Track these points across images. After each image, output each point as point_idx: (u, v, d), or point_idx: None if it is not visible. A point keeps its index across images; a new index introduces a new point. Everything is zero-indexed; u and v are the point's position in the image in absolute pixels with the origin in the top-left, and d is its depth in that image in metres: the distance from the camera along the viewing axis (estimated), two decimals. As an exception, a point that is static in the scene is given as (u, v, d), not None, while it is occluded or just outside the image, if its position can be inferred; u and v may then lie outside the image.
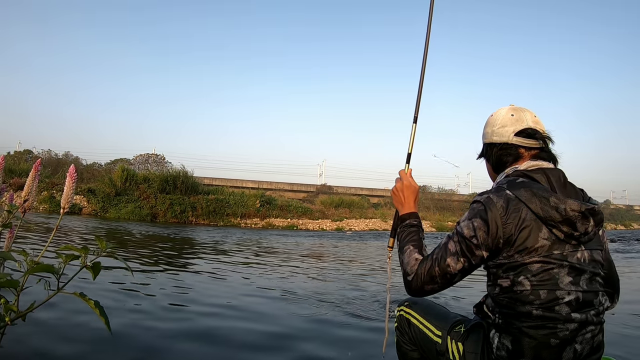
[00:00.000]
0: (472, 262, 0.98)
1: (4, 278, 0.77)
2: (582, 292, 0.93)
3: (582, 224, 0.93)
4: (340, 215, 18.42)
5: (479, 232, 0.95)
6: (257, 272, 4.50)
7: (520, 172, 1.03)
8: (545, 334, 0.91)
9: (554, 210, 0.92)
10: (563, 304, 0.92)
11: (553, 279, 0.92)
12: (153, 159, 23.39)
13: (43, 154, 21.48)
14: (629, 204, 38.44)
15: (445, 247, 1.01)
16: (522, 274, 0.93)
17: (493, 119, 1.14)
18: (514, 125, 1.08)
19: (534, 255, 0.93)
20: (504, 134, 1.09)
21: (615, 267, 1.17)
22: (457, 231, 1.00)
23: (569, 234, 0.93)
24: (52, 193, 15.65)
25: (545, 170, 1.02)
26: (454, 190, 27.94)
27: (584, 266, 0.95)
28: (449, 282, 1.01)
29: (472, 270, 1.01)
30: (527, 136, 1.07)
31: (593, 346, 0.95)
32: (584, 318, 0.92)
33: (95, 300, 0.80)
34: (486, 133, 1.15)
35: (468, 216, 0.99)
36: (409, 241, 1.12)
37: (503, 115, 1.11)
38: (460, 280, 1.03)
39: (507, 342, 0.96)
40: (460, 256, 0.98)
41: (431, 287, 1.02)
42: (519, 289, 0.93)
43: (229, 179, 23.31)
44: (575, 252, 0.94)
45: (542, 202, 0.93)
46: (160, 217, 15.36)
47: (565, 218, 0.92)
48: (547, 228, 0.93)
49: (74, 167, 0.88)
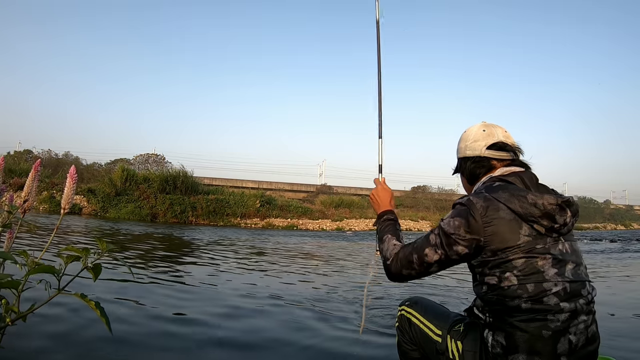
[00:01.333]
0: (449, 256, 1.04)
1: (5, 279, 0.77)
2: (569, 282, 0.96)
3: (561, 215, 0.98)
4: (340, 215, 18.42)
5: (460, 230, 1.01)
6: (245, 274, 4.50)
7: (496, 177, 1.11)
8: (537, 327, 0.93)
9: (533, 206, 0.97)
10: (551, 295, 0.94)
11: (539, 272, 0.95)
12: (153, 159, 23.40)
13: (43, 154, 21.49)
14: (629, 204, 38.48)
15: (426, 238, 1.08)
16: (508, 270, 0.97)
17: (466, 135, 1.21)
18: (486, 139, 1.16)
19: (517, 252, 0.96)
20: (477, 147, 1.17)
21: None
22: (439, 226, 1.06)
23: (549, 227, 0.98)
24: (52, 193, 15.65)
25: (518, 174, 1.09)
26: (453, 190, 27.92)
27: (567, 257, 0.99)
28: (426, 270, 1.08)
29: (449, 264, 1.06)
30: (498, 149, 1.15)
31: (588, 337, 0.96)
32: (573, 307, 0.94)
33: (96, 301, 0.80)
34: (460, 148, 1.23)
35: (451, 215, 1.05)
36: (386, 232, 1.23)
37: (475, 131, 1.19)
38: (437, 271, 1.09)
39: (500, 338, 0.97)
40: (439, 248, 1.04)
41: (408, 272, 1.10)
42: (507, 284, 0.97)
43: (229, 179, 23.33)
44: (556, 244, 0.99)
45: (520, 201, 0.98)
46: (160, 217, 15.37)
47: (545, 212, 0.97)
48: (527, 225, 0.98)
49: (75, 168, 0.88)
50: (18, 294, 0.79)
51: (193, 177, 17.40)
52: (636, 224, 31.41)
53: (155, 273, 3.96)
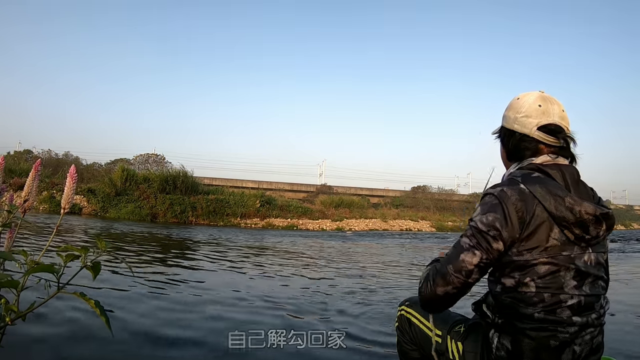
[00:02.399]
0: (490, 256, 0.93)
1: (4, 278, 0.77)
2: (584, 296, 0.93)
3: (595, 227, 0.92)
4: (340, 215, 18.41)
5: (495, 224, 0.91)
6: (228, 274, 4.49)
7: (536, 165, 0.99)
8: (545, 336, 0.91)
9: (569, 211, 0.90)
10: (565, 307, 0.91)
11: (558, 282, 0.91)
12: (153, 159, 23.37)
13: (43, 154, 21.46)
14: (629, 204, 38.43)
15: (457, 244, 0.96)
16: (529, 275, 0.92)
17: (518, 104, 1.05)
18: (539, 117, 1.01)
19: (544, 255, 0.91)
20: (527, 125, 1.01)
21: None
22: (470, 226, 0.95)
23: (580, 236, 0.92)
24: (52, 193, 15.64)
25: (561, 167, 0.98)
26: (454, 190, 27.93)
27: (589, 269, 0.94)
28: (466, 280, 0.95)
29: (489, 266, 0.96)
30: (550, 132, 1.00)
31: (592, 347, 0.95)
32: (584, 321, 0.92)
33: (96, 300, 0.80)
34: (508, 117, 1.07)
35: (481, 211, 0.95)
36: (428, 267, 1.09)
37: (530, 103, 1.03)
38: (478, 278, 0.96)
39: (506, 342, 0.95)
40: (477, 249, 0.93)
41: (444, 290, 0.96)
42: (524, 290, 0.92)
43: (229, 179, 23.29)
44: (582, 254, 0.93)
45: (556, 202, 0.90)
46: (160, 217, 15.36)
47: (579, 220, 0.90)
48: (558, 228, 0.91)
49: (75, 168, 0.88)
50: (17, 294, 0.79)
51: (193, 177, 17.39)
52: (636, 224, 31.38)
53: (149, 275, 3.95)
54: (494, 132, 1.15)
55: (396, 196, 24.53)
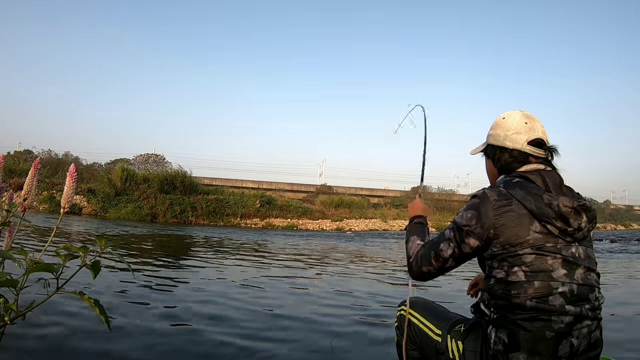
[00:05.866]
0: (462, 250, 1.04)
1: (3, 277, 0.77)
2: (576, 285, 0.95)
3: (575, 219, 0.97)
4: (340, 215, 18.42)
5: (471, 221, 1.01)
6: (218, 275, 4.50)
7: (518, 173, 1.08)
8: (540, 327, 0.92)
9: (547, 207, 0.96)
10: (557, 295, 0.93)
11: (547, 270, 0.95)
12: (153, 159, 23.37)
13: (43, 154, 21.45)
14: (629, 204, 38.47)
15: (442, 234, 1.10)
16: (516, 264, 0.96)
17: (506, 123, 1.13)
18: (528, 133, 1.10)
19: (526, 247, 0.96)
20: (518, 141, 1.10)
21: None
22: (454, 220, 1.08)
23: (562, 229, 0.96)
24: (52, 193, 15.66)
25: (541, 172, 1.06)
26: (453, 191, 27.94)
27: (578, 260, 0.97)
28: (442, 265, 1.09)
29: (464, 258, 1.07)
30: (537, 145, 1.10)
31: (590, 342, 0.95)
32: (578, 311, 0.93)
33: (95, 298, 0.80)
34: (497, 135, 1.14)
35: (464, 208, 1.06)
36: (412, 233, 1.24)
37: (517, 121, 1.12)
38: (454, 266, 1.09)
39: (503, 335, 0.97)
40: (452, 242, 1.05)
41: (427, 269, 1.11)
42: (513, 279, 0.96)
43: (229, 179, 23.31)
44: (569, 246, 0.98)
45: (535, 200, 0.97)
46: (160, 217, 15.36)
47: (559, 214, 0.96)
48: (540, 223, 0.97)
49: (74, 167, 0.88)
50: (17, 293, 0.79)
51: (193, 177, 17.39)
52: (636, 224, 31.39)
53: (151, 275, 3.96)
54: (473, 151, 1.25)
55: (396, 196, 24.55)
